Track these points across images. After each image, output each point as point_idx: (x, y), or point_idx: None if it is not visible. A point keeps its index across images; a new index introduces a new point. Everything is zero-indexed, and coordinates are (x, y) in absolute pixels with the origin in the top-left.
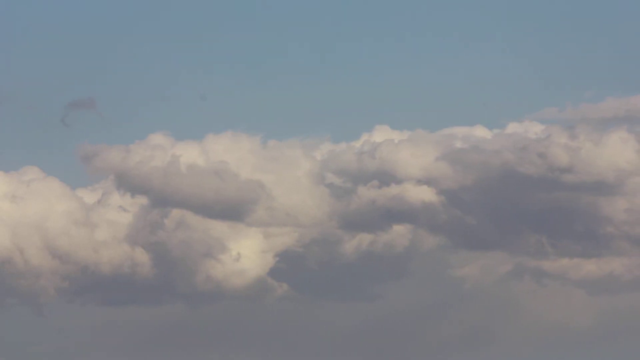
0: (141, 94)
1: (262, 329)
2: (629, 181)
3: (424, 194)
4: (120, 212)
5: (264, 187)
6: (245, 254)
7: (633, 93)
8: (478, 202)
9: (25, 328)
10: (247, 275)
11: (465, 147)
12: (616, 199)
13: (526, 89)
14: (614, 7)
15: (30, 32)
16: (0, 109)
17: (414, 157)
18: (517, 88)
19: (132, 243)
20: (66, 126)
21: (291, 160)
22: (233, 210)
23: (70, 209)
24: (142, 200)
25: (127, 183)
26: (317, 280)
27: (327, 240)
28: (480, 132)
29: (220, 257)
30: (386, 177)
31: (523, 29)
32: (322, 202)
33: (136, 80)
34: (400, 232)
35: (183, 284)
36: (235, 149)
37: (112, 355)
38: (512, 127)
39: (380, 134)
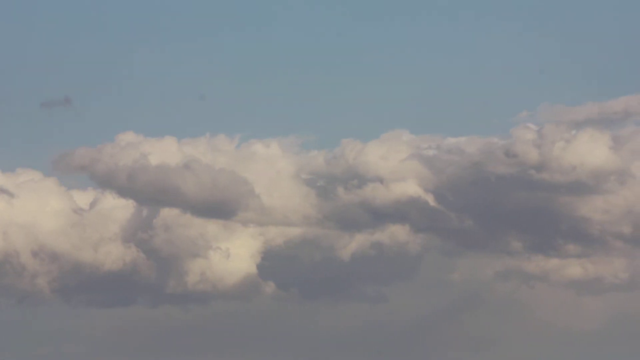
0: (119, 94)
1: (253, 329)
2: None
3: (411, 193)
4: (113, 213)
5: (248, 184)
6: (235, 253)
7: (612, 97)
8: (470, 204)
9: (21, 328)
10: (237, 274)
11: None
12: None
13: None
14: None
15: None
16: None
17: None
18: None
19: (126, 244)
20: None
21: (273, 159)
22: (223, 208)
23: (65, 209)
24: (131, 201)
25: (114, 183)
26: (308, 279)
27: (317, 239)
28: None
29: (210, 256)
30: (367, 177)
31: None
32: (308, 201)
33: (115, 80)
34: (390, 233)
35: (174, 284)
36: (217, 149)
37: (109, 354)
38: (491, 130)
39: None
